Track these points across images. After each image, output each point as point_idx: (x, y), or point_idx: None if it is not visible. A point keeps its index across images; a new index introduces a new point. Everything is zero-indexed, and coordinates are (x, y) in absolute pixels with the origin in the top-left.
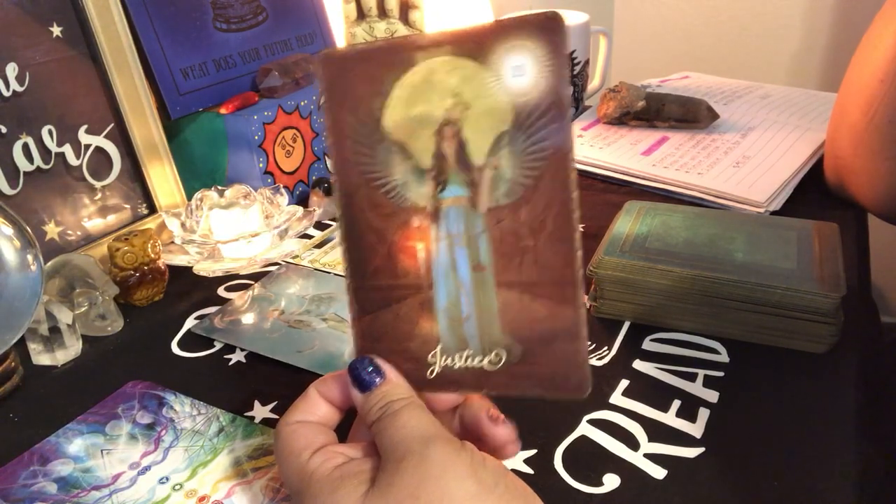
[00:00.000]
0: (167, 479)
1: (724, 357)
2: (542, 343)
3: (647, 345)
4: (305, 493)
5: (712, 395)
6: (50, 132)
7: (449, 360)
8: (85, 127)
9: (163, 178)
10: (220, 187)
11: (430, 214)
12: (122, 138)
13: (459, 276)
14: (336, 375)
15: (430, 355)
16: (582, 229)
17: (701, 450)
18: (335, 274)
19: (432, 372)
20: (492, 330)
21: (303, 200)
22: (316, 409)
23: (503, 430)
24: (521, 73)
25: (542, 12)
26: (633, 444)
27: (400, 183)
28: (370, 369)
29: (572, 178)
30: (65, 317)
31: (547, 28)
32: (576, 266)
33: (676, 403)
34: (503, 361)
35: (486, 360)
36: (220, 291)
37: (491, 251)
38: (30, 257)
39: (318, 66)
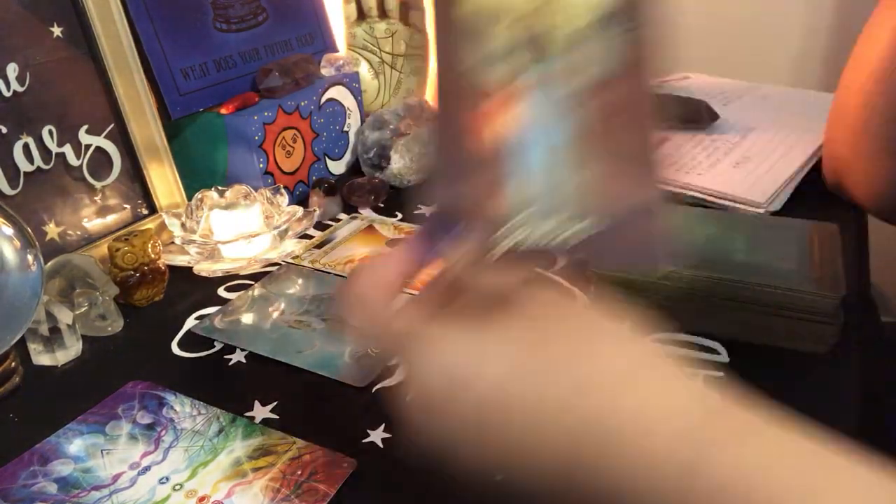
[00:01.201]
0: (167, 479)
1: (724, 357)
2: (623, 218)
3: None
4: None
5: None
6: (50, 132)
7: (526, 234)
8: (85, 127)
9: (163, 179)
10: (220, 187)
11: (511, 95)
12: (123, 138)
13: (539, 154)
14: (406, 242)
15: (506, 229)
16: None
17: None
18: (335, 274)
19: (509, 247)
20: (571, 204)
21: (303, 201)
22: (388, 265)
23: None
24: None
25: None
26: None
27: (481, 67)
28: (447, 222)
29: (654, 61)
30: (65, 317)
31: None
32: (656, 145)
33: None
34: (580, 233)
35: (564, 234)
36: (220, 291)
37: (572, 130)
38: (30, 257)
39: None
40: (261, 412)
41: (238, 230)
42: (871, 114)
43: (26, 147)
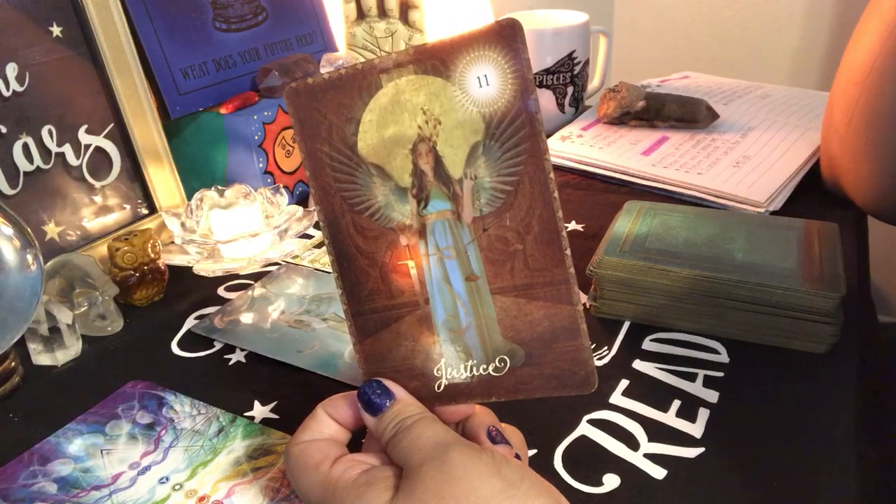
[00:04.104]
0: (167, 479)
1: (724, 357)
2: (544, 344)
3: (647, 345)
4: (331, 501)
5: (712, 395)
6: (50, 132)
7: (455, 372)
8: (85, 127)
9: (163, 178)
10: (220, 187)
11: (416, 231)
12: (122, 138)
13: (454, 288)
14: (344, 396)
15: (435, 369)
16: (582, 229)
17: (701, 450)
18: None
19: (440, 385)
20: (493, 337)
21: (303, 200)
22: (325, 428)
23: (502, 449)
24: (485, 83)
25: (498, 20)
26: (632, 444)
27: (383, 204)
28: (379, 392)
29: (551, 178)
30: (65, 317)
31: (504, 36)
32: (567, 264)
33: (676, 403)
34: (508, 366)
35: (490, 367)
36: (220, 291)
37: (481, 260)
38: (30, 257)
39: (287, 102)
40: (261, 412)
41: (238, 230)
42: (853, 116)
43: (26, 147)
